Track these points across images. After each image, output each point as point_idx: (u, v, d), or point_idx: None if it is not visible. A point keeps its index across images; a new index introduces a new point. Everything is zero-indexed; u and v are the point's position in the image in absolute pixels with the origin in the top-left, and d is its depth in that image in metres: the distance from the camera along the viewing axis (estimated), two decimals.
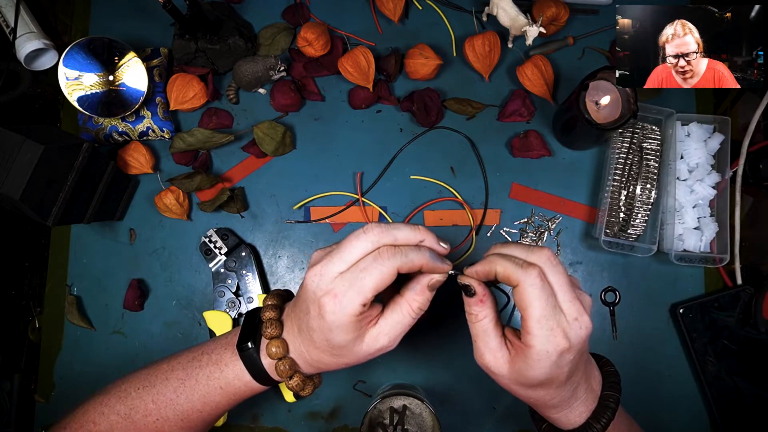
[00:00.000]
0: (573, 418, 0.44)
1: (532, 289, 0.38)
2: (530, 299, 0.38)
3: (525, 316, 0.39)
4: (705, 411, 0.66)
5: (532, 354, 0.39)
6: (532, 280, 0.38)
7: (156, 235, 0.69)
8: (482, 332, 0.42)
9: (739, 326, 0.65)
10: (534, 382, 0.41)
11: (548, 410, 0.44)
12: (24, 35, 0.67)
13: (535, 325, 0.38)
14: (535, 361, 0.39)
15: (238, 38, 0.67)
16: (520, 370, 0.40)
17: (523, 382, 0.41)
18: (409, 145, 0.69)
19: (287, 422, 0.66)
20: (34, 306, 0.69)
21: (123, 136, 0.68)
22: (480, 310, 0.42)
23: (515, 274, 0.39)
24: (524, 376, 0.40)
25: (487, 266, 0.41)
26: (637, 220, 0.66)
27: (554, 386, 0.41)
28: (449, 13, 0.72)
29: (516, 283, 0.39)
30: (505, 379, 0.42)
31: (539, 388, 0.41)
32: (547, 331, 0.38)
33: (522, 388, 0.42)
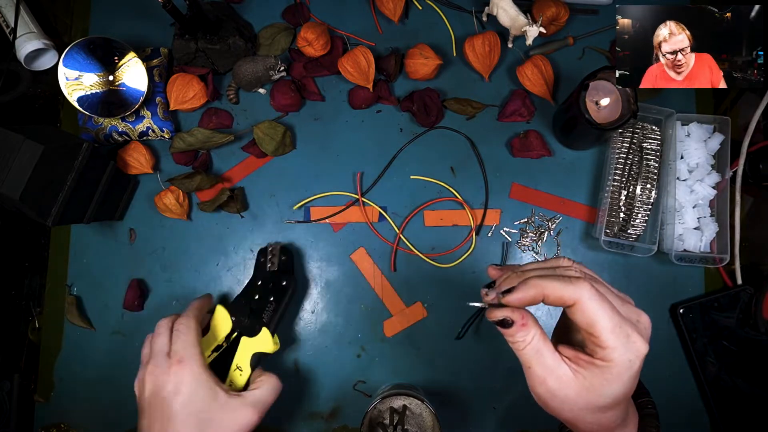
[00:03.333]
0: None
1: (593, 303, 0.35)
2: (595, 313, 0.35)
3: (595, 332, 0.35)
4: (705, 411, 0.66)
5: (612, 369, 0.35)
6: (589, 293, 0.35)
7: (156, 235, 0.69)
8: (535, 354, 0.37)
9: (739, 326, 0.65)
10: (611, 401, 0.36)
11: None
12: (24, 35, 0.67)
13: (610, 337, 0.35)
14: (616, 376, 0.35)
15: (238, 38, 0.67)
16: (595, 389, 0.36)
17: (598, 404, 0.36)
18: (409, 145, 0.69)
19: (287, 422, 0.66)
20: (34, 306, 0.69)
21: (123, 136, 0.68)
22: (525, 334, 0.37)
23: (568, 291, 0.35)
24: (600, 396, 0.36)
25: (531, 291, 0.36)
26: (637, 220, 0.66)
27: (624, 403, 0.38)
28: (449, 13, 0.72)
29: (572, 301, 0.35)
30: (571, 405, 0.37)
31: (611, 410, 0.37)
32: (625, 339, 0.35)
33: (592, 413, 0.37)
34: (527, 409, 0.66)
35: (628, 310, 0.37)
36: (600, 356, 0.35)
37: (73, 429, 0.67)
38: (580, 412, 0.37)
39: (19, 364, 0.69)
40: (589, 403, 0.36)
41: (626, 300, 0.39)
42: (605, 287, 0.38)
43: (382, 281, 0.67)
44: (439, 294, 0.67)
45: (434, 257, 0.68)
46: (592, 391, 0.36)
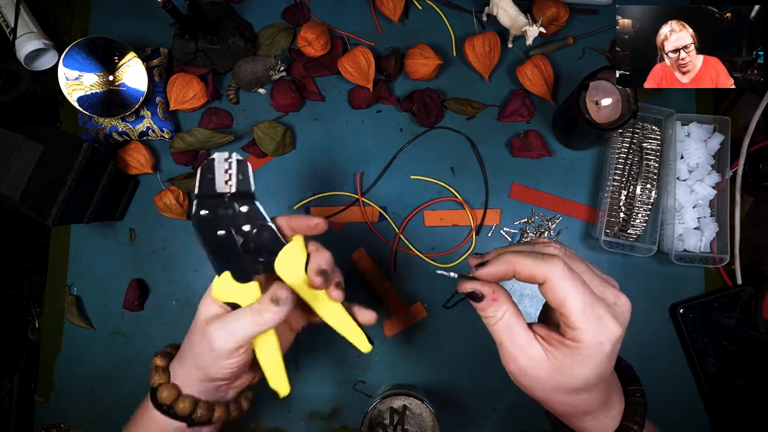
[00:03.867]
0: (607, 422, 0.39)
1: (563, 282, 0.34)
2: (565, 292, 0.34)
3: (565, 312, 0.34)
4: (705, 411, 0.66)
5: (582, 349, 0.34)
6: (561, 272, 0.34)
7: (156, 235, 0.69)
8: (506, 330, 0.37)
9: (739, 326, 0.65)
10: (582, 383, 0.35)
11: (583, 419, 0.39)
12: (24, 35, 0.67)
13: (580, 317, 0.34)
14: (586, 357, 0.34)
15: (238, 38, 0.67)
16: (565, 369, 0.35)
17: (568, 386, 0.36)
18: (409, 145, 0.69)
19: (287, 422, 0.66)
20: (34, 306, 0.69)
21: (123, 136, 0.68)
22: (496, 309, 0.37)
23: (539, 269, 0.35)
24: (571, 378, 0.35)
25: (503, 266, 0.36)
26: (637, 220, 0.66)
27: (599, 386, 0.37)
28: (449, 13, 0.72)
29: (542, 279, 0.35)
30: (543, 385, 0.36)
31: (584, 392, 0.36)
32: (596, 321, 0.34)
33: (563, 394, 0.36)
34: (527, 409, 0.66)
35: (607, 292, 0.36)
36: (570, 336, 0.35)
37: (73, 429, 0.67)
38: (552, 393, 0.36)
39: (19, 364, 0.69)
40: (559, 384, 0.36)
41: (608, 281, 0.38)
42: (585, 267, 0.37)
43: (382, 281, 0.67)
44: (440, 294, 0.67)
45: (434, 257, 0.68)
46: (563, 372, 0.35)
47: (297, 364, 0.67)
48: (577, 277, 0.35)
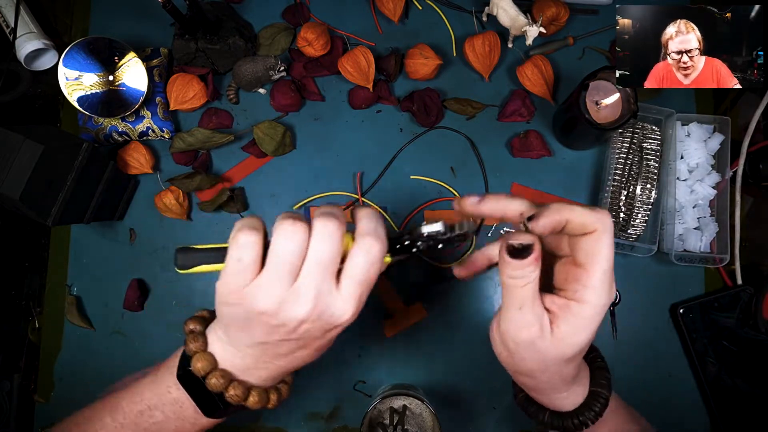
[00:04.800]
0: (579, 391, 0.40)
1: (608, 238, 0.33)
2: (604, 247, 0.33)
3: (591, 268, 0.34)
4: (705, 411, 0.66)
5: (585, 311, 0.34)
6: (609, 225, 0.34)
7: (156, 235, 0.69)
8: (531, 295, 0.34)
9: (739, 326, 0.65)
10: (578, 350, 0.35)
11: (560, 390, 0.39)
12: (24, 35, 0.67)
13: (600, 276, 0.34)
14: (587, 321, 0.34)
15: (238, 38, 0.67)
16: (567, 338, 0.35)
17: (567, 355, 0.35)
18: (409, 145, 0.69)
19: (287, 422, 0.66)
20: (34, 306, 0.69)
21: (123, 136, 0.68)
22: (533, 270, 0.34)
23: (592, 217, 0.33)
24: (571, 346, 0.35)
25: (557, 216, 0.34)
26: (637, 220, 0.66)
27: (583, 354, 0.37)
28: (449, 13, 0.72)
29: (593, 228, 0.33)
30: (544, 356, 0.35)
31: (575, 360, 0.37)
32: (609, 284, 0.34)
33: (559, 364, 0.36)
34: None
35: None
36: (578, 296, 0.34)
37: None
38: (549, 364, 0.36)
39: (19, 364, 0.68)
40: (559, 354, 0.35)
41: None
42: None
43: (382, 281, 0.67)
44: (439, 294, 0.67)
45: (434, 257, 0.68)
46: (565, 341, 0.35)
47: None
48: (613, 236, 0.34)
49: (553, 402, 0.40)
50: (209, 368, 0.39)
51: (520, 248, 0.34)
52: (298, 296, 0.34)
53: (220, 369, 0.39)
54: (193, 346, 0.39)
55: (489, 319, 0.68)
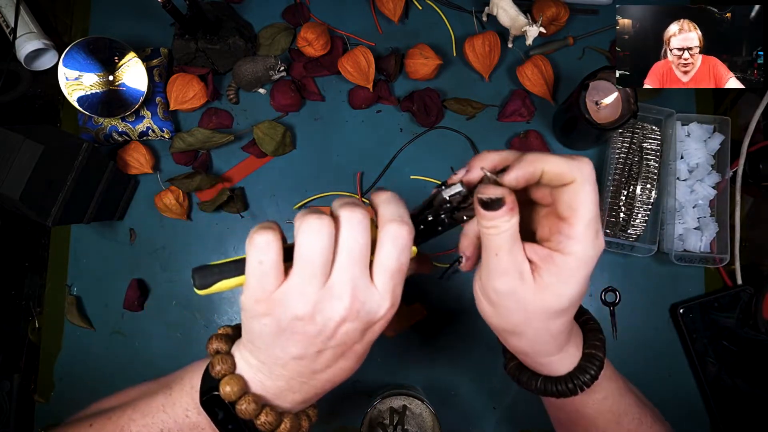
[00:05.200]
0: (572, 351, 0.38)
1: (589, 187, 0.32)
2: (585, 197, 0.32)
3: (572, 217, 0.32)
4: (705, 411, 0.66)
5: (571, 263, 0.33)
6: (590, 173, 0.32)
7: (156, 235, 0.69)
8: (509, 241, 0.33)
9: (739, 326, 0.65)
10: (566, 303, 0.34)
11: (552, 351, 0.38)
12: (24, 35, 0.67)
13: (583, 227, 0.32)
14: (573, 272, 0.33)
15: (238, 38, 0.67)
16: (552, 289, 0.33)
17: (553, 308, 0.34)
18: (409, 145, 0.69)
19: None
20: (34, 306, 0.69)
21: (123, 136, 0.68)
22: (510, 217, 0.33)
23: (570, 166, 0.32)
24: (556, 297, 0.33)
25: (530, 167, 0.32)
26: (637, 220, 0.66)
27: (572, 312, 0.35)
28: (449, 13, 0.72)
29: (572, 179, 0.32)
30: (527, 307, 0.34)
31: (563, 315, 0.35)
32: (593, 233, 0.33)
33: (544, 318, 0.34)
34: (527, 409, 0.66)
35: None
36: (561, 247, 0.33)
37: None
38: (533, 317, 0.34)
39: (19, 364, 0.68)
40: (544, 306, 0.34)
41: None
42: None
43: None
44: (439, 294, 0.67)
45: (434, 257, 0.68)
46: (548, 292, 0.33)
47: None
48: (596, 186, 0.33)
49: (546, 366, 0.39)
50: (240, 393, 0.35)
51: (490, 201, 0.32)
52: (334, 293, 0.32)
53: (251, 393, 0.35)
54: (220, 368, 0.35)
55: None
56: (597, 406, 0.41)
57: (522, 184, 0.33)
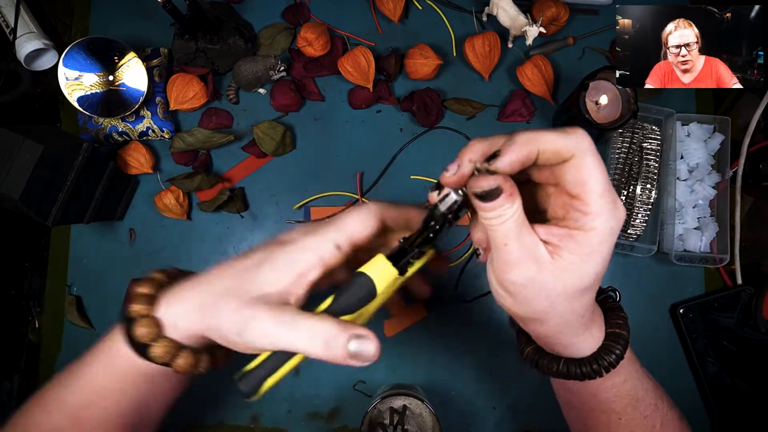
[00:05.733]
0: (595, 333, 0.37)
1: (591, 157, 0.30)
2: (590, 170, 0.30)
3: (584, 194, 0.30)
4: (705, 411, 0.66)
5: (592, 238, 0.31)
6: (589, 145, 0.31)
7: (156, 235, 0.69)
8: (515, 229, 0.31)
9: (739, 326, 0.65)
10: (589, 280, 0.32)
11: (577, 331, 0.36)
12: (24, 35, 0.67)
13: (597, 200, 0.30)
14: (595, 248, 0.31)
15: (238, 38, 0.67)
16: (573, 268, 0.31)
17: (576, 287, 0.32)
18: (409, 145, 0.69)
19: (287, 422, 0.66)
20: (34, 306, 0.69)
21: (123, 136, 0.68)
22: (510, 206, 0.31)
23: (567, 141, 0.31)
24: (579, 276, 0.32)
25: (525, 149, 0.31)
26: (637, 220, 0.66)
27: (595, 288, 0.34)
28: (449, 13, 0.72)
29: (571, 153, 0.31)
30: (548, 291, 0.32)
31: (587, 293, 0.33)
32: (611, 204, 0.31)
33: (568, 299, 0.33)
34: (527, 409, 0.66)
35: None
36: (580, 224, 0.31)
37: None
38: (557, 299, 0.32)
39: (19, 364, 0.68)
40: (566, 287, 0.32)
41: None
42: None
43: None
44: (439, 294, 0.67)
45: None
46: (571, 272, 0.31)
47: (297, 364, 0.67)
48: (598, 155, 0.31)
49: (569, 348, 0.37)
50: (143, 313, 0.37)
51: (485, 194, 0.31)
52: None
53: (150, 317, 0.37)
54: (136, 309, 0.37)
55: (489, 320, 0.68)
56: (616, 389, 0.40)
57: (517, 169, 0.31)
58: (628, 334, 0.38)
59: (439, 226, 0.35)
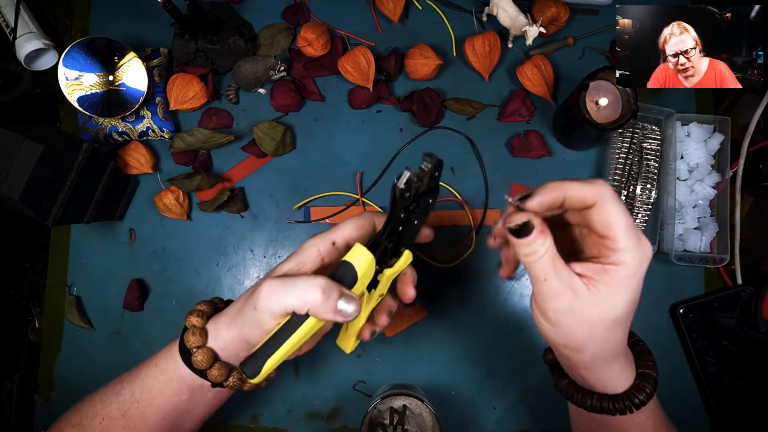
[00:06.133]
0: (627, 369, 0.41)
1: (613, 203, 0.35)
2: (614, 212, 0.35)
3: (611, 233, 0.35)
4: (705, 411, 0.66)
5: (623, 271, 0.35)
6: (610, 193, 0.35)
7: (156, 235, 0.69)
8: (551, 264, 0.35)
9: (739, 326, 0.65)
10: (624, 310, 0.36)
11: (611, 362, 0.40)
12: (24, 35, 0.67)
13: (623, 238, 0.35)
14: (626, 280, 0.35)
15: (238, 38, 0.67)
16: (608, 298, 0.36)
17: (611, 316, 0.36)
18: (409, 145, 0.69)
19: (287, 422, 0.66)
20: (34, 306, 0.69)
21: (123, 136, 0.68)
22: (543, 242, 0.35)
23: (590, 191, 0.35)
24: (613, 306, 0.36)
25: (552, 193, 0.36)
26: (637, 220, 0.66)
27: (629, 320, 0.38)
28: (449, 13, 0.72)
29: (594, 200, 0.35)
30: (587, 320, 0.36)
31: (621, 324, 0.38)
32: (637, 240, 0.35)
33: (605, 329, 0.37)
34: (527, 409, 0.66)
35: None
36: (612, 260, 0.35)
37: None
38: (595, 329, 0.37)
39: (19, 364, 0.69)
40: (602, 316, 0.36)
41: None
42: None
43: None
44: (439, 294, 0.67)
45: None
46: (605, 301, 0.36)
47: (296, 364, 0.67)
48: (620, 199, 0.37)
49: (602, 383, 0.41)
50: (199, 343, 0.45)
51: (518, 228, 0.35)
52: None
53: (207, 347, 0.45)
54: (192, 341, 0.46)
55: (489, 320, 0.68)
56: (641, 426, 0.44)
57: (545, 208, 0.37)
58: (657, 375, 0.42)
59: (403, 205, 0.39)
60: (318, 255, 0.44)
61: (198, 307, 0.48)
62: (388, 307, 0.48)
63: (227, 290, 0.68)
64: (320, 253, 0.44)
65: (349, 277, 0.41)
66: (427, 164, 0.40)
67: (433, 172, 0.41)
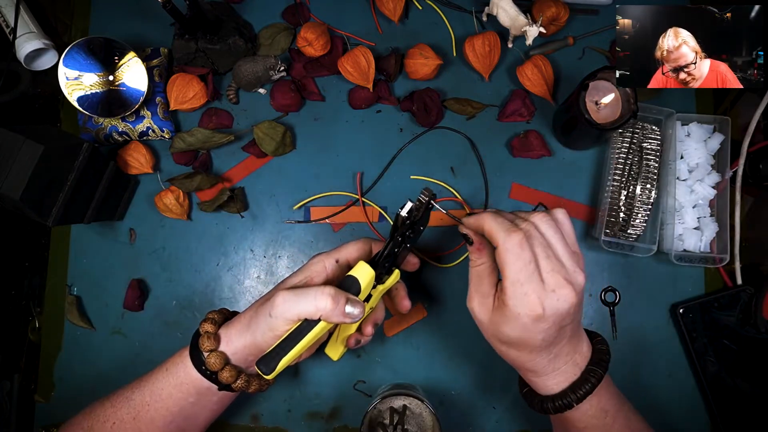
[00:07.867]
0: (550, 385, 0.46)
1: (507, 254, 0.41)
2: (505, 262, 0.41)
3: (502, 276, 0.42)
4: (705, 411, 0.66)
5: (506, 312, 0.42)
6: (509, 245, 0.41)
7: (156, 235, 0.69)
8: (476, 277, 0.46)
9: (739, 326, 0.65)
10: (507, 339, 0.44)
11: (526, 373, 0.47)
12: (24, 35, 0.67)
13: (509, 286, 0.42)
14: (509, 319, 0.42)
15: (238, 38, 0.67)
16: (498, 323, 0.44)
17: (499, 337, 0.45)
18: (409, 145, 0.69)
19: (287, 422, 0.66)
20: (34, 306, 0.69)
21: (123, 136, 0.68)
22: (478, 257, 0.47)
23: (497, 234, 0.42)
24: (500, 331, 0.44)
25: (477, 221, 0.45)
26: (637, 220, 0.66)
27: (527, 350, 0.44)
28: (449, 13, 0.72)
29: (495, 244, 0.42)
30: (485, 328, 0.46)
31: (513, 348, 0.45)
32: (521, 295, 0.41)
33: (498, 342, 0.46)
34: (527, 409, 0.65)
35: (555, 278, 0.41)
36: (503, 299, 0.43)
37: None
38: (492, 339, 0.47)
39: (19, 364, 0.69)
40: (494, 334, 0.45)
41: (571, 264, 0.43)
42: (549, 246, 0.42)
43: None
44: (439, 294, 0.67)
45: (434, 257, 0.68)
46: (496, 325, 0.44)
47: (297, 364, 0.67)
48: (525, 254, 0.41)
49: (546, 383, 0.46)
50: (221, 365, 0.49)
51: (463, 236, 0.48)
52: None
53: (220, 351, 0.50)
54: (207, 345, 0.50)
55: None
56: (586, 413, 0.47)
57: (472, 232, 0.47)
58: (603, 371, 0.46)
59: (402, 231, 0.48)
60: (324, 270, 0.51)
61: (210, 316, 0.52)
62: (375, 319, 0.54)
63: (227, 290, 0.68)
64: (326, 269, 0.51)
65: (354, 289, 0.48)
66: (424, 197, 0.49)
67: (428, 204, 0.49)
